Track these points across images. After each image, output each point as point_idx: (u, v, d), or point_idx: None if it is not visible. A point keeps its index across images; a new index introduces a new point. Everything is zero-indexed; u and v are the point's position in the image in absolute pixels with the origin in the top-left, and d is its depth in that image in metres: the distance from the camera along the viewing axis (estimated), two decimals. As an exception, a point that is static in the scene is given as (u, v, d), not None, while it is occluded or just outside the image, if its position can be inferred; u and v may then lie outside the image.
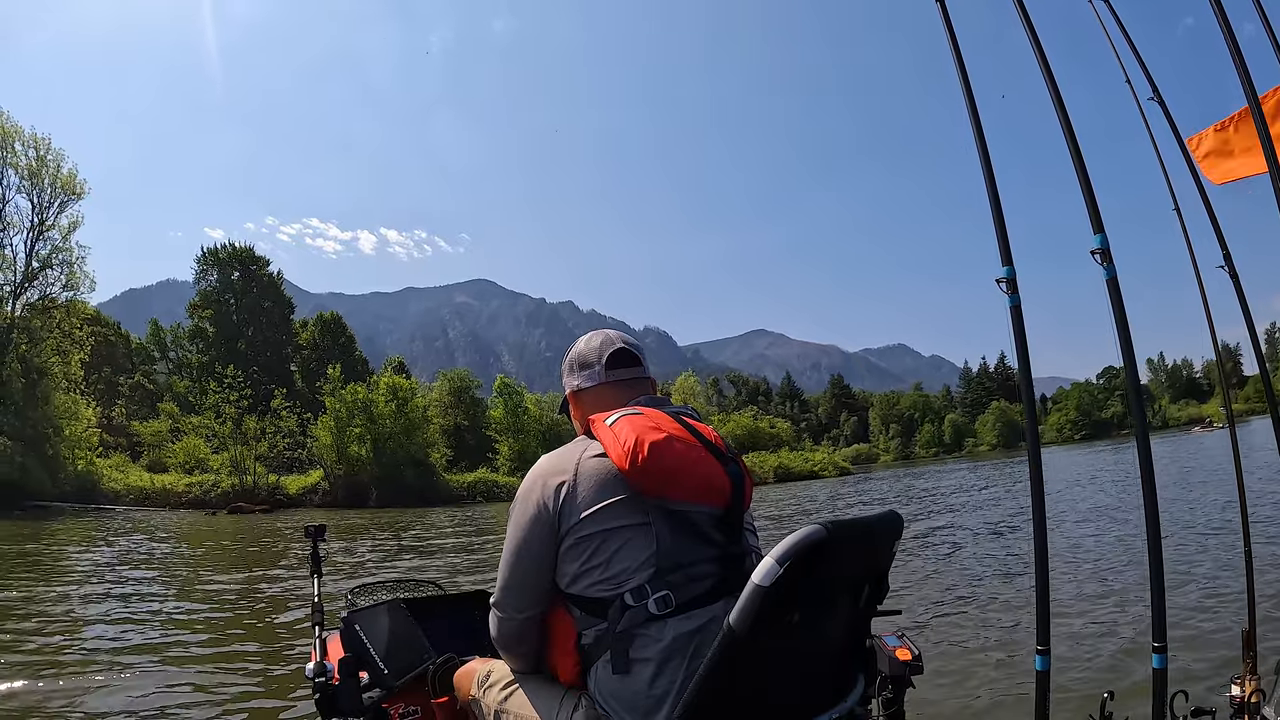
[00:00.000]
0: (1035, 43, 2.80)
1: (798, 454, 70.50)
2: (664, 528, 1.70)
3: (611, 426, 1.78)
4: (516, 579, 1.85)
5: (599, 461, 1.77)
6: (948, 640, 6.27)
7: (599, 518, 1.72)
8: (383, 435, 46.64)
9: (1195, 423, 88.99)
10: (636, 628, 1.65)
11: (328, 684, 2.20)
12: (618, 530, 1.71)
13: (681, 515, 1.71)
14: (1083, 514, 14.18)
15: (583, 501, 1.74)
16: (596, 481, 1.75)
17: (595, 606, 1.71)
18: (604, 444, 1.77)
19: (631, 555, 1.69)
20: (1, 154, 38.74)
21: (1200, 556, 8.55)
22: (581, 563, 1.73)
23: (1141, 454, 2.62)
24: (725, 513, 1.76)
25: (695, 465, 1.75)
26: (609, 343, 2.09)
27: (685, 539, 1.71)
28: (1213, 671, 4.75)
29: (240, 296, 72.20)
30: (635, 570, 1.68)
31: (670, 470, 1.70)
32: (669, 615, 1.64)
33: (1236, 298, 3.59)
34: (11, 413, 37.22)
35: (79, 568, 14.16)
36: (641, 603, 1.65)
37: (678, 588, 1.66)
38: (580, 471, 1.77)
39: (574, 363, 2.10)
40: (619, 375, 2.06)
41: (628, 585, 1.68)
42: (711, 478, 1.76)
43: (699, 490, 1.74)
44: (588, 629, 1.74)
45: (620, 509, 1.72)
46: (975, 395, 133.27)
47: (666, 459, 1.70)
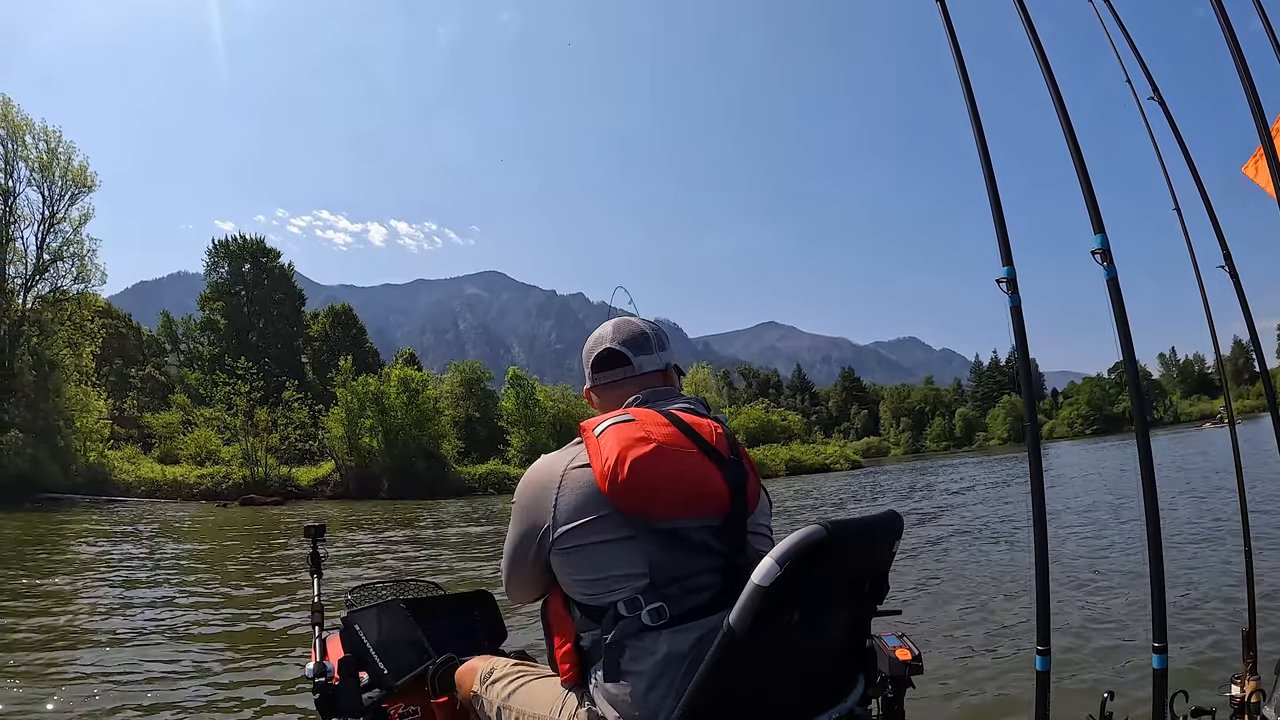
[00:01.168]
0: (1035, 43, 2.79)
1: (809, 447, 70.29)
2: (651, 545, 1.64)
3: (599, 438, 1.71)
4: (513, 578, 1.88)
5: (582, 473, 1.71)
6: (948, 640, 6.26)
7: (580, 533, 1.68)
8: (394, 427, 46.69)
9: (1207, 418, 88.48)
10: (629, 639, 1.62)
11: (327, 684, 2.21)
12: (601, 544, 1.67)
13: (669, 532, 1.65)
14: (1085, 513, 14.12)
15: (565, 515, 1.70)
16: (578, 495, 1.70)
17: (591, 611, 1.69)
18: (590, 455, 1.70)
19: (621, 567, 1.65)
20: (12, 147, 38.77)
21: (1201, 556, 8.52)
22: (571, 572, 1.72)
23: (1142, 452, 2.61)
24: (724, 521, 1.69)
25: (684, 478, 1.67)
26: (600, 341, 2.05)
27: (678, 554, 1.65)
28: (1213, 671, 4.74)
29: (251, 288, 72.45)
30: (627, 580, 1.64)
31: (653, 488, 1.63)
32: (663, 627, 1.60)
33: (1237, 297, 3.58)
34: (23, 405, 37.40)
35: (84, 560, 14.27)
36: (635, 614, 1.61)
37: (673, 600, 1.61)
38: (564, 483, 1.73)
39: (589, 355, 2.07)
40: (603, 379, 2.03)
41: (619, 595, 1.64)
42: (704, 488, 1.68)
43: (688, 505, 1.67)
44: (585, 632, 1.71)
45: (602, 525, 1.66)
46: (986, 389, 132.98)
47: (649, 476, 1.62)
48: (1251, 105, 2.44)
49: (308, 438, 48.80)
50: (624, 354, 2.01)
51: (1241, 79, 2.48)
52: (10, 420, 36.32)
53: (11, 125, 38.69)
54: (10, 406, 36.99)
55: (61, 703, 5.33)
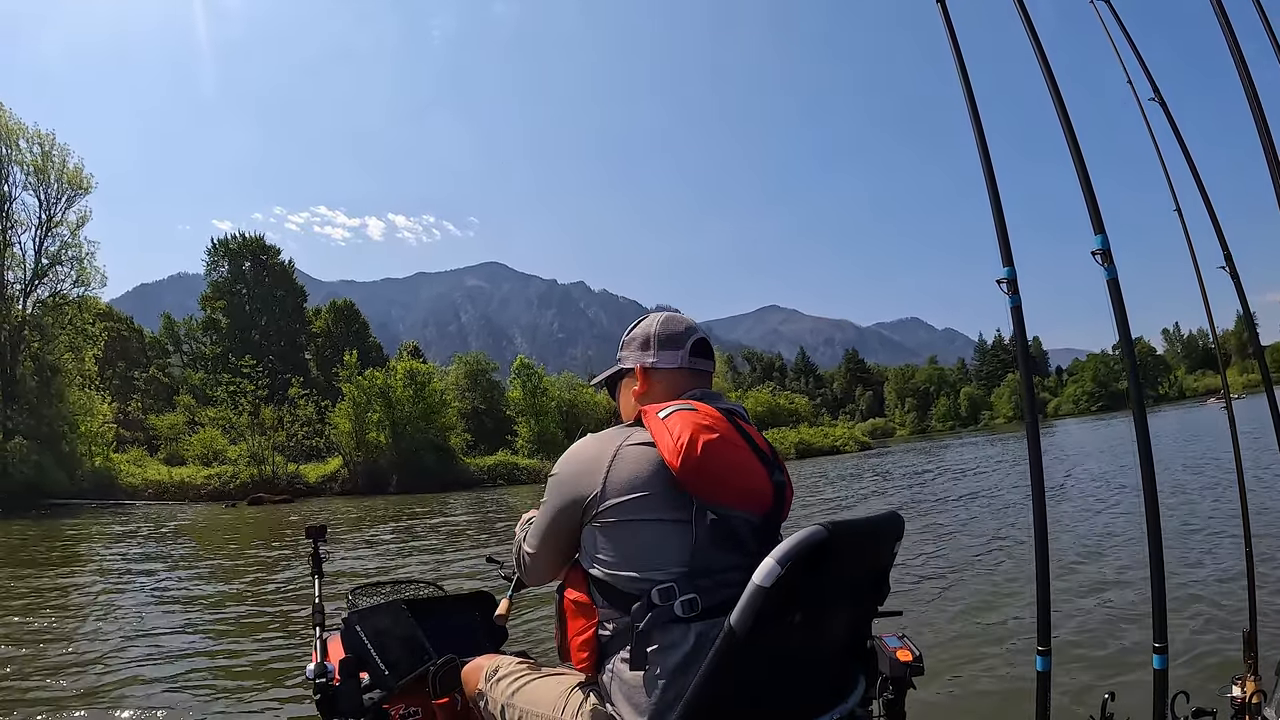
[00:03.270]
0: (1036, 43, 2.76)
1: (818, 429, 70.36)
2: (703, 529, 1.66)
3: (665, 420, 1.71)
4: (541, 552, 1.91)
5: (642, 450, 1.73)
6: (949, 641, 6.25)
7: (633, 506, 1.69)
8: (401, 420, 46.31)
9: (1211, 394, 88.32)
10: (658, 628, 1.62)
11: (328, 685, 2.23)
12: (652, 523, 1.68)
13: (722, 519, 1.67)
14: (1087, 511, 14.07)
15: (617, 488, 1.70)
16: (637, 469, 1.71)
17: (620, 598, 1.69)
18: (654, 435, 1.71)
19: (663, 552, 1.67)
20: (5, 151, 38.27)
21: (1202, 556, 8.48)
22: (609, 549, 1.72)
23: (1142, 449, 2.62)
24: (764, 521, 1.73)
25: (743, 469, 1.72)
26: (693, 330, 2.01)
27: (721, 543, 1.67)
28: (1214, 672, 4.75)
29: (252, 286, 72.14)
30: (666, 567, 1.66)
31: (720, 472, 1.67)
32: (694, 619, 1.61)
33: (1238, 297, 3.56)
34: (26, 411, 37.07)
35: (90, 563, 14.37)
36: (668, 603, 1.62)
37: (706, 592, 1.63)
38: (619, 456, 1.73)
39: (654, 337, 1.99)
40: (700, 365, 2.00)
41: (657, 582, 1.64)
42: (757, 484, 1.73)
43: (743, 496, 1.71)
44: (609, 620, 1.72)
45: (657, 502, 1.68)
46: (990, 368, 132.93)
47: (717, 460, 1.66)
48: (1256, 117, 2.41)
49: (315, 434, 48.56)
50: (708, 347, 2.02)
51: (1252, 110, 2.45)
52: (14, 427, 36.10)
53: (5, 130, 38.25)
54: (13, 413, 36.73)
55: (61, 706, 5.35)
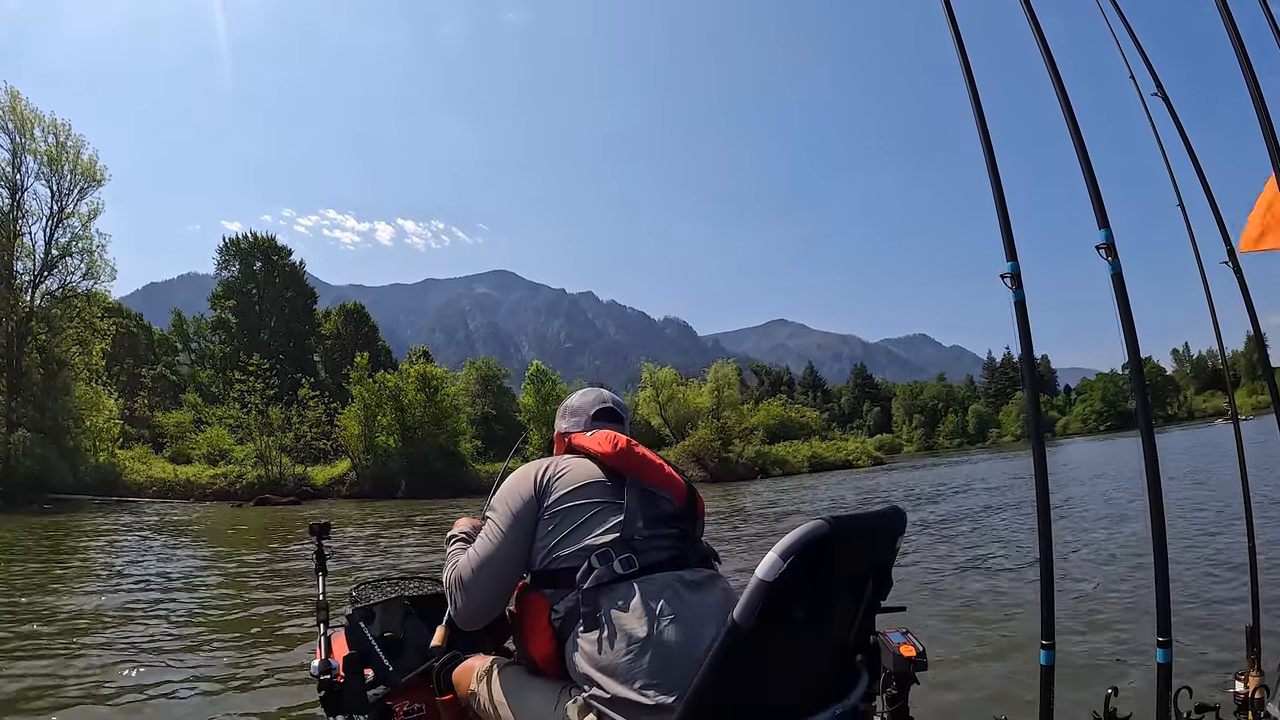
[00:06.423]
0: (1040, 39, 2.78)
1: (830, 444, 69.72)
2: (634, 502, 2.00)
3: (591, 436, 2.19)
4: (486, 570, 2.03)
5: (576, 459, 2.15)
6: (953, 636, 6.26)
7: (575, 494, 2.03)
8: (411, 425, 45.80)
9: (1220, 414, 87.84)
10: (603, 586, 1.84)
11: (332, 681, 2.23)
12: (590, 504, 2.00)
13: (649, 494, 2.04)
14: (1090, 509, 14.02)
15: (561, 482, 2.05)
16: (575, 472, 2.08)
17: (565, 577, 1.91)
18: (585, 447, 2.14)
19: (599, 526, 1.96)
20: (20, 140, 37.67)
21: (1206, 552, 8.46)
22: (553, 534, 1.98)
23: (1146, 446, 2.62)
24: (683, 509, 2.07)
25: (656, 464, 2.11)
26: (600, 400, 2.48)
27: (649, 514, 1.99)
28: (1216, 668, 4.74)
29: (263, 286, 71.94)
30: (600, 537, 1.93)
31: (643, 460, 2.09)
32: (633, 575, 1.85)
33: (1241, 294, 3.56)
34: (31, 405, 36.54)
35: (93, 562, 14.29)
36: (607, 564, 1.86)
37: (641, 553, 1.89)
38: (557, 465, 2.12)
39: (566, 411, 2.49)
40: (603, 427, 2.34)
41: (595, 549, 1.91)
42: (670, 478, 2.10)
43: (663, 480, 2.08)
44: (559, 602, 1.90)
45: (596, 489, 2.04)
46: (999, 385, 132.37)
47: (637, 453, 2.10)
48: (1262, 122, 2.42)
49: (323, 436, 47.86)
50: (620, 414, 2.47)
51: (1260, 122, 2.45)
52: (18, 420, 35.66)
53: (20, 118, 37.53)
54: (17, 405, 36.18)
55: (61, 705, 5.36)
